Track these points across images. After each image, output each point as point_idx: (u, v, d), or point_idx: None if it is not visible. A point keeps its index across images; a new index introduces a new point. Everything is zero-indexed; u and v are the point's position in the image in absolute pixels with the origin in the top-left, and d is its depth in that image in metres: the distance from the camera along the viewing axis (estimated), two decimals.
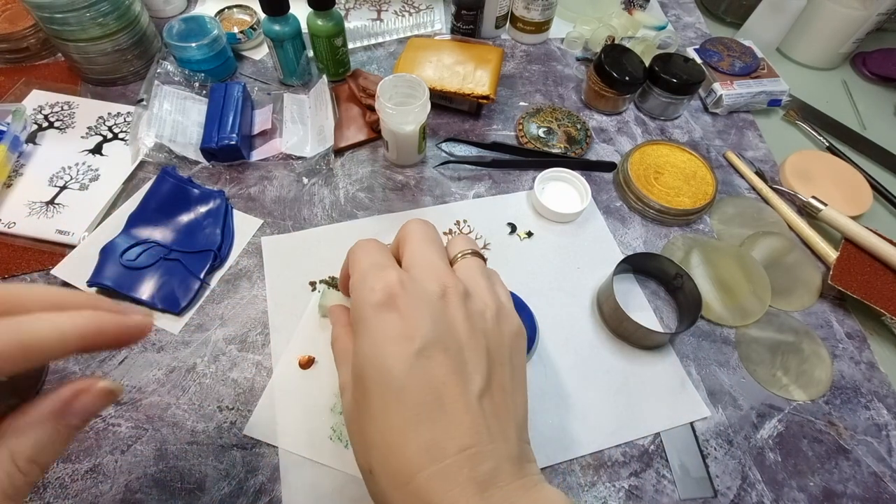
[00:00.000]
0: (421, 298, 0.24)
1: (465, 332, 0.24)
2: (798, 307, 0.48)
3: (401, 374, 0.23)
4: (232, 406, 0.39)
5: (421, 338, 0.23)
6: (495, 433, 0.23)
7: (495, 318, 0.26)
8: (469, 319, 0.25)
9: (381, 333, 0.24)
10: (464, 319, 0.25)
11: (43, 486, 0.35)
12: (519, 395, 0.26)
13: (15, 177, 0.50)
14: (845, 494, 0.39)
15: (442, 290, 0.25)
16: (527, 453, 0.25)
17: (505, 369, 0.26)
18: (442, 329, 0.24)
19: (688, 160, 0.56)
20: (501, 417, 0.24)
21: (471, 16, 0.64)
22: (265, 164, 0.54)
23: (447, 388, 0.23)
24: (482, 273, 0.28)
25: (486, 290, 0.27)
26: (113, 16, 0.54)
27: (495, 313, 0.26)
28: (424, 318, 0.24)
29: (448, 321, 0.24)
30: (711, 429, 0.41)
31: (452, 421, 0.22)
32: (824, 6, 0.68)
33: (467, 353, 0.24)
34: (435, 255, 0.27)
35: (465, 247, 0.30)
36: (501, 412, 0.24)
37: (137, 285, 0.44)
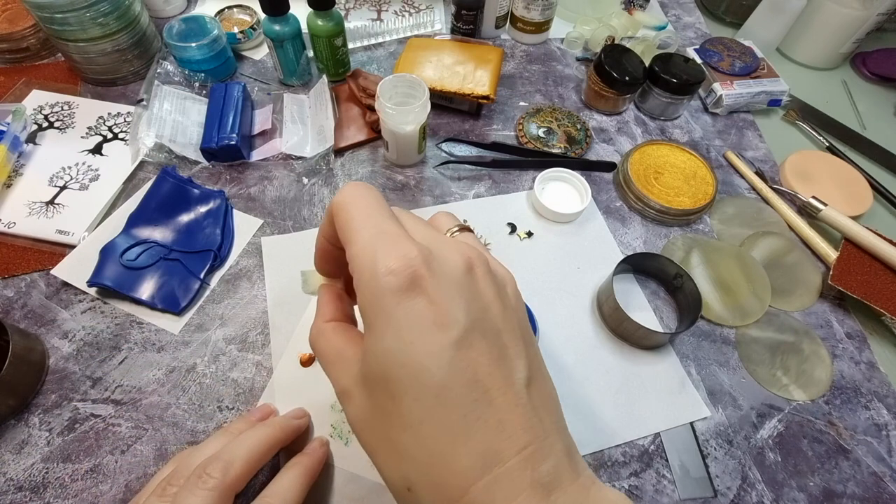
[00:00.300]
0: (449, 276, 0.20)
1: (499, 311, 0.21)
2: (798, 307, 0.48)
3: (440, 371, 0.19)
4: (232, 406, 0.39)
5: (457, 324, 0.19)
6: (548, 425, 0.21)
7: (516, 290, 0.23)
8: (498, 296, 0.22)
9: (409, 325, 0.19)
10: (495, 297, 0.21)
11: (43, 486, 0.35)
12: (546, 370, 0.24)
13: (15, 177, 0.50)
14: (845, 494, 0.39)
15: (468, 264, 0.21)
16: (574, 443, 0.23)
17: (536, 351, 0.23)
18: (477, 311, 0.20)
19: (688, 160, 0.56)
20: (549, 406, 0.22)
21: (471, 16, 0.64)
22: (265, 164, 0.54)
23: (493, 381, 0.20)
24: (482, 246, 0.25)
25: (495, 261, 0.24)
26: (113, 16, 0.54)
27: (515, 286, 0.23)
28: (458, 301, 0.20)
29: (481, 300, 0.21)
30: (711, 429, 0.41)
31: (505, 418, 0.19)
32: (824, 6, 0.68)
33: (506, 337, 0.21)
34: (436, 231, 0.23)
35: (453, 221, 0.26)
36: (547, 400, 0.22)
37: (137, 285, 0.44)
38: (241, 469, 0.27)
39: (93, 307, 0.43)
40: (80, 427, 0.38)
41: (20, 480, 0.35)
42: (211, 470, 0.27)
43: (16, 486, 0.35)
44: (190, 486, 0.26)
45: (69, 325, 0.42)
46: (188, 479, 0.27)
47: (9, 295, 0.44)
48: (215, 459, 0.27)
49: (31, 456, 0.36)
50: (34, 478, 0.36)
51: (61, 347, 0.41)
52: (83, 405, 0.39)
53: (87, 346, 0.41)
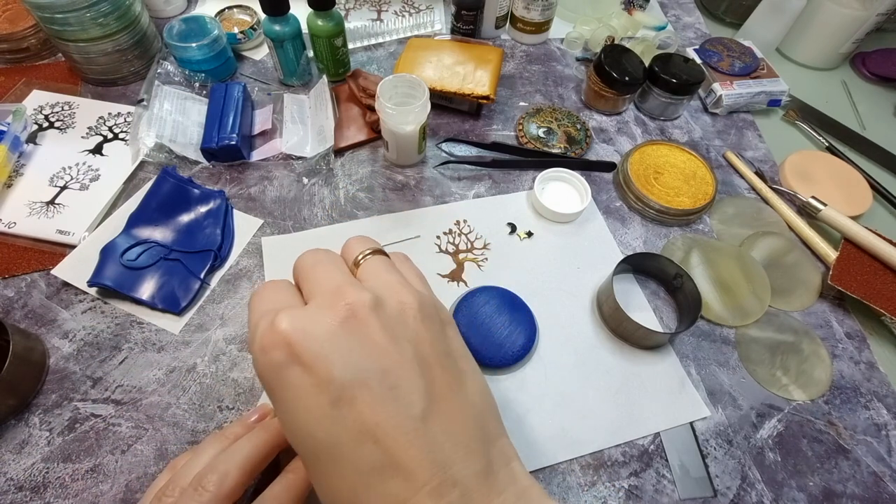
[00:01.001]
0: (321, 335, 0.21)
1: (385, 350, 0.21)
2: (798, 307, 0.48)
3: (325, 435, 0.20)
4: (232, 406, 0.39)
5: (332, 383, 0.20)
6: (453, 453, 0.20)
7: (417, 315, 0.23)
8: (388, 332, 0.21)
9: (290, 396, 0.20)
10: (381, 335, 0.21)
11: (43, 486, 0.35)
12: (470, 385, 0.24)
13: (15, 177, 0.50)
14: (845, 494, 0.39)
15: (346, 312, 0.21)
16: (498, 455, 0.22)
17: (446, 368, 0.23)
18: (356, 360, 0.20)
19: (687, 160, 0.56)
20: (457, 427, 0.21)
21: (471, 16, 0.65)
22: (265, 164, 0.54)
23: (382, 428, 0.20)
24: (389, 269, 0.25)
25: (399, 286, 0.24)
26: (113, 16, 0.54)
27: (417, 310, 0.23)
28: (332, 358, 0.20)
29: (362, 346, 0.21)
30: (711, 428, 0.41)
31: (401, 460, 0.20)
32: (824, 6, 0.68)
33: (396, 374, 0.21)
34: (330, 273, 0.24)
35: (363, 247, 0.26)
36: (456, 421, 0.22)
37: (138, 285, 0.44)
38: (237, 479, 0.27)
39: (93, 307, 0.43)
40: (81, 427, 0.38)
41: (20, 480, 0.35)
42: (206, 482, 0.27)
43: (16, 486, 0.35)
44: (185, 500, 0.26)
45: (69, 325, 0.42)
46: (184, 492, 0.27)
47: (9, 295, 0.44)
48: (211, 470, 0.27)
49: (32, 456, 0.36)
50: (34, 478, 0.36)
51: (62, 347, 0.41)
52: (83, 405, 0.39)
53: (87, 345, 0.41)
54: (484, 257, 0.49)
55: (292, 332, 0.20)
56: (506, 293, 0.45)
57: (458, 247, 0.50)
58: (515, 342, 0.42)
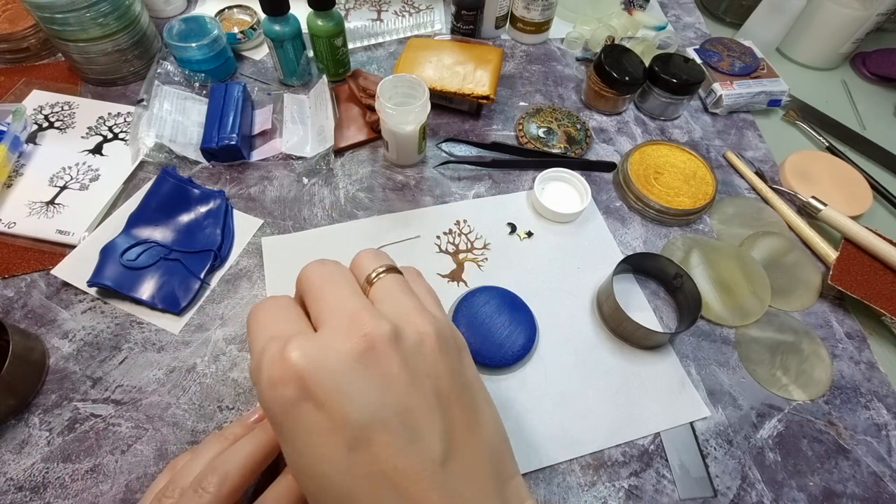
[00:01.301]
0: (337, 368, 0.19)
1: (405, 387, 0.20)
2: (798, 307, 0.48)
3: (340, 478, 0.18)
4: (232, 406, 0.39)
5: (350, 424, 0.18)
6: (472, 496, 0.20)
7: (436, 346, 0.21)
8: (407, 366, 0.20)
9: (301, 436, 0.19)
10: (401, 370, 0.20)
11: (43, 486, 0.35)
12: (486, 420, 0.23)
13: (15, 177, 0.50)
14: (845, 494, 0.39)
15: (364, 345, 0.19)
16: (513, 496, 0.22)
17: (464, 404, 0.21)
18: (374, 398, 0.19)
19: (688, 160, 0.56)
20: (474, 470, 0.20)
21: (471, 16, 0.65)
22: (265, 164, 0.54)
23: (402, 472, 0.19)
24: (405, 292, 0.23)
25: (416, 312, 0.22)
26: (113, 16, 0.54)
27: (435, 340, 0.21)
28: (349, 394, 0.19)
29: (381, 383, 0.19)
30: (711, 428, 0.41)
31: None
32: (824, 6, 0.68)
33: (415, 414, 0.19)
34: (343, 295, 0.22)
35: (376, 263, 0.24)
36: (473, 462, 0.21)
37: (138, 285, 0.44)
38: (238, 480, 0.27)
39: (93, 307, 0.43)
40: (81, 427, 0.38)
41: (20, 480, 0.35)
42: (206, 484, 0.26)
43: (16, 486, 0.35)
44: (185, 501, 0.26)
45: (69, 325, 0.42)
46: (184, 493, 0.27)
47: (9, 295, 0.44)
48: (211, 472, 0.27)
49: (32, 456, 0.36)
50: (34, 478, 0.36)
51: (61, 347, 0.41)
52: (83, 405, 0.39)
53: (87, 346, 0.41)
54: (484, 257, 0.49)
55: (305, 365, 0.18)
56: (506, 293, 0.45)
57: (458, 247, 0.50)
58: (515, 342, 0.42)
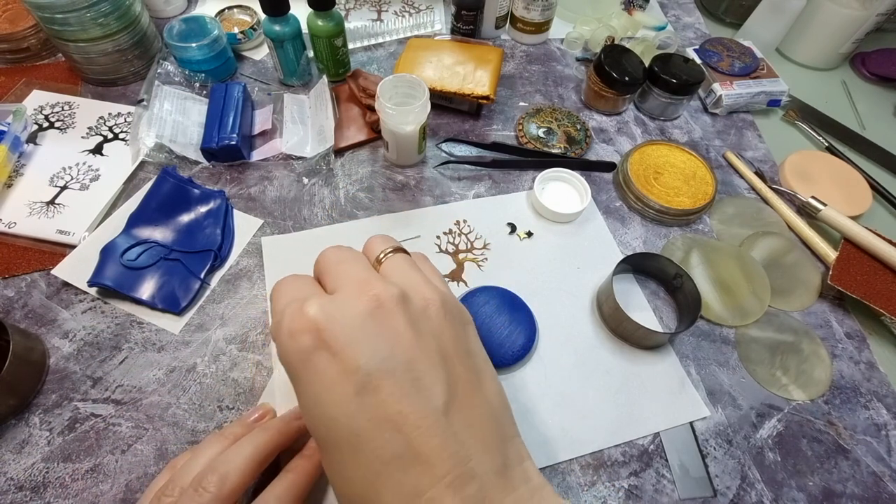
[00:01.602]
0: (350, 322, 0.21)
1: (410, 342, 0.21)
2: (797, 307, 0.48)
3: (348, 419, 0.20)
4: (232, 406, 0.39)
5: (359, 370, 0.20)
6: (472, 446, 0.21)
7: (440, 311, 0.23)
8: (413, 325, 0.22)
9: (315, 381, 0.21)
10: (407, 327, 0.22)
11: (43, 486, 0.35)
12: (488, 384, 0.24)
13: (15, 177, 0.50)
14: (844, 494, 0.39)
15: (374, 303, 0.22)
16: (514, 454, 0.23)
17: (466, 365, 0.23)
18: (383, 349, 0.21)
19: (687, 160, 0.56)
20: (476, 423, 0.22)
21: (471, 16, 0.65)
22: (265, 164, 0.54)
23: (404, 417, 0.20)
24: (412, 267, 0.25)
25: (423, 283, 0.24)
26: (113, 16, 0.54)
27: (440, 306, 0.24)
28: (359, 346, 0.20)
29: (388, 337, 0.21)
30: (711, 428, 0.41)
31: (421, 450, 0.20)
32: (824, 6, 0.68)
33: (420, 366, 0.21)
34: (356, 268, 0.24)
35: (384, 245, 0.26)
36: (475, 416, 0.22)
37: (138, 285, 0.44)
38: (238, 480, 0.27)
39: (93, 307, 0.43)
40: (81, 427, 0.38)
41: (20, 480, 0.35)
42: (206, 483, 0.26)
43: (16, 486, 0.35)
44: (185, 500, 0.26)
45: (70, 325, 0.42)
46: (184, 492, 0.27)
47: (9, 295, 0.44)
48: (211, 471, 0.27)
49: (32, 456, 0.36)
50: (34, 477, 0.36)
51: (62, 347, 0.41)
52: (83, 405, 0.39)
53: (87, 345, 0.41)
54: (484, 257, 0.49)
55: (322, 317, 0.21)
56: (506, 293, 0.45)
57: (458, 247, 0.50)
58: (515, 342, 0.42)
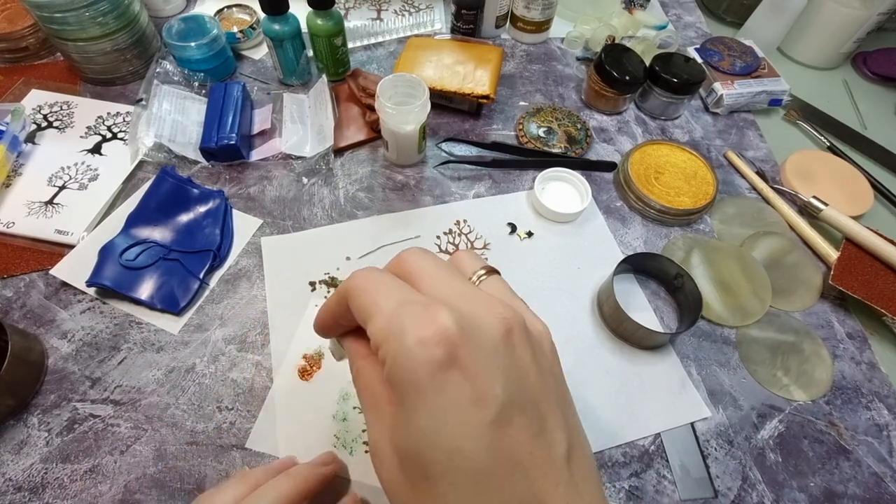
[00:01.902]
0: (485, 345, 0.18)
1: (536, 379, 0.19)
2: (799, 307, 0.48)
3: (478, 453, 0.17)
4: (231, 406, 0.39)
5: (495, 400, 0.18)
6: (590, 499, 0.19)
7: (552, 346, 0.22)
8: (536, 360, 0.20)
9: (444, 402, 0.18)
10: (532, 362, 0.20)
11: (42, 487, 0.35)
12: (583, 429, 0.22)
13: (14, 176, 0.50)
14: (846, 495, 0.39)
15: (505, 327, 0.19)
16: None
17: (570, 407, 0.21)
18: (515, 382, 0.19)
19: (688, 160, 0.56)
20: (588, 475, 0.20)
21: (471, 15, 0.64)
22: (265, 163, 0.54)
23: (533, 460, 0.18)
24: (514, 294, 0.22)
25: (530, 313, 0.22)
26: (112, 15, 0.54)
27: (551, 341, 0.22)
28: (495, 373, 0.18)
29: (519, 368, 0.19)
30: (712, 429, 0.41)
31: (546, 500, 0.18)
32: (825, 6, 0.68)
33: (544, 407, 0.19)
34: (462, 282, 0.21)
35: (478, 264, 0.23)
36: (587, 467, 0.20)
37: (137, 285, 0.43)
38: None
39: (92, 307, 0.43)
40: (80, 427, 0.38)
41: (19, 481, 0.35)
42: None
43: (15, 487, 0.35)
44: None
45: (68, 326, 0.42)
46: None
47: (8, 295, 0.44)
48: None
49: (31, 456, 0.36)
50: (33, 478, 0.36)
51: (60, 347, 0.41)
52: (82, 405, 0.39)
53: (86, 346, 0.41)
54: (484, 257, 0.49)
55: (458, 331, 0.18)
56: None
57: (458, 247, 0.49)
58: None
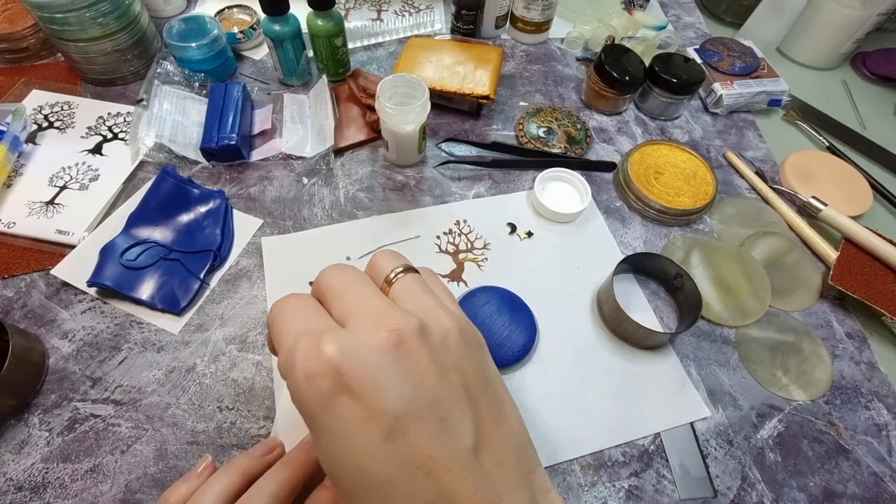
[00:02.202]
0: (371, 361, 0.19)
1: (434, 379, 0.20)
2: (798, 307, 0.48)
3: (377, 467, 0.19)
4: (232, 406, 0.39)
5: (386, 414, 0.19)
6: (502, 485, 0.20)
7: (459, 340, 0.22)
8: (435, 360, 0.20)
9: (338, 427, 0.19)
10: (429, 363, 0.20)
11: (43, 486, 0.35)
12: (510, 414, 0.23)
13: (15, 177, 0.50)
14: (845, 494, 0.39)
15: (394, 339, 0.20)
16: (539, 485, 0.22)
17: (488, 396, 0.22)
18: (407, 389, 0.19)
19: (688, 160, 0.56)
20: (503, 460, 0.21)
21: (471, 16, 0.64)
22: (265, 164, 0.54)
23: (435, 460, 0.19)
24: (425, 290, 0.23)
25: (439, 309, 0.22)
26: (113, 16, 0.54)
27: (458, 335, 0.22)
28: (384, 387, 0.19)
29: (412, 375, 0.20)
30: (711, 429, 0.41)
31: (455, 494, 0.19)
32: (824, 6, 0.68)
33: (445, 404, 0.20)
34: (367, 295, 0.22)
35: (394, 263, 0.24)
36: (502, 452, 0.21)
37: (137, 285, 0.43)
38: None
39: (93, 307, 0.43)
40: (80, 427, 0.38)
41: (20, 480, 0.35)
42: None
43: (16, 486, 0.35)
44: None
45: (69, 325, 0.42)
46: None
47: (9, 295, 0.44)
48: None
49: (31, 456, 0.36)
50: (34, 478, 0.36)
51: (61, 347, 0.41)
52: (83, 405, 0.39)
53: (86, 346, 0.41)
54: (484, 257, 0.49)
55: (342, 358, 0.19)
56: (506, 293, 0.45)
57: (458, 247, 0.50)
58: (515, 342, 0.42)
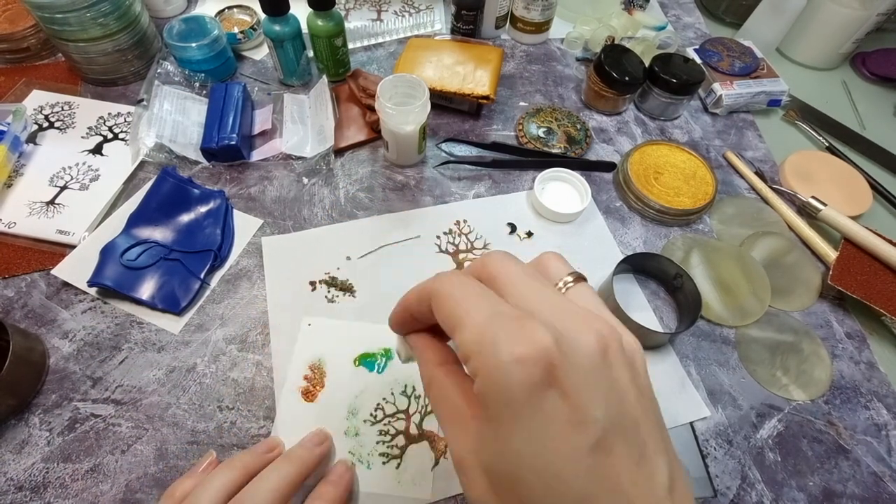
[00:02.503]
0: (583, 363, 0.17)
1: (635, 400, 0.18)
2: (798, 307, 0.48)
3: (579, 480, 0.16)
4: (232, 406, 0.39)
5: (595, 423, 0.16)
6: None
7: (644, 364, 0.20)
8: (634, 380, 0.18)
9: (542, 424, 0.16)
10: (630, 382, 0.18)
11: (43, 486, 0.35)
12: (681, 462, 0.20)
13: (15, 177, 0.50)
14: (845, 494, 0.39)
15: (602, 345, 0.17)
16: None
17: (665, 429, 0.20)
18: (614, 404, 0.17)
19: (687, 160, 0.56)
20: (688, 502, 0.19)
21: (471, 16, 0.65)
22: (265, 164, 0.54)
23: (636, 488, 0.17)
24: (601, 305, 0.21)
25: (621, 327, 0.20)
26: (113, 16, 0.54)
27: (643, 360, 0.20)
28: (594, 394, 0.17)
29: (618, 389, 0.18)
30: (711, 429, 0.41)
31: None
32: (824, 6, 0.68)
33: (644, 430, 0.18)
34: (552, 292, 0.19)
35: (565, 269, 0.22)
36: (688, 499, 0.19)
37: (137, 285, 0.44)
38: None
39: (93, 307, 0.43)
40: (81, 427, 0.38)
41: (20, 480, 0.35)
42: None
43: (16, 486, 0.35)
44: None
45: (69, 325, 0.42)
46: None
47: (9, 295, 0.44)
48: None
49: (32, 456, 0.36)
50: (34, 478, 0.36)
51: (62, 347, 0.41)
52: (83, 405, 0.39)
53: (87, 345, 0.41)
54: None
55: (557, 350, 0.16)
56: None
57: (458, 247, 0.50)
58: None
